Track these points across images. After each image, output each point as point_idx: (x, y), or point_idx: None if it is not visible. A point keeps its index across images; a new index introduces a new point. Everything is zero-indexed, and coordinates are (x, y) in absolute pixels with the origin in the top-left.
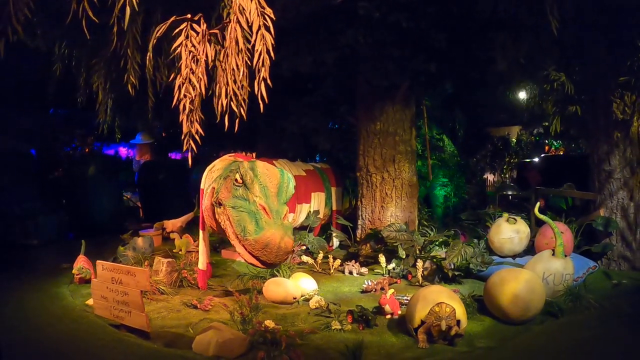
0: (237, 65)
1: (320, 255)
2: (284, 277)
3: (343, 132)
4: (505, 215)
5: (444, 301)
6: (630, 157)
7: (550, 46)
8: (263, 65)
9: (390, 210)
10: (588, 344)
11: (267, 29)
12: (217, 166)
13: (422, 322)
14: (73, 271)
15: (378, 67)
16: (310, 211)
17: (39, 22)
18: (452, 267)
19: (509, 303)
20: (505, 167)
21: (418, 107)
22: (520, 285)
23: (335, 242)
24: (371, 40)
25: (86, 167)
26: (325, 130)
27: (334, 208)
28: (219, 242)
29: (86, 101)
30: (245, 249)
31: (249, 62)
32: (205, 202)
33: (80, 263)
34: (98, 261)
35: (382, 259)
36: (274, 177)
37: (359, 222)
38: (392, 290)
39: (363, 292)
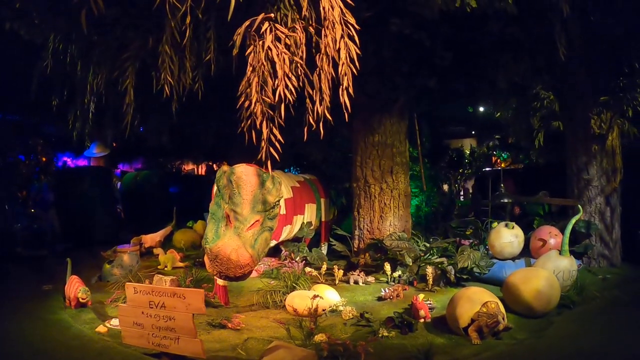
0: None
1: (324, 267)
2: (303, 289)
3: (330, 144)
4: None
5: (491, 300)
6: (606, 167)
7: (543, 67)
8: (346, 74)
9: (389, 220)
10: (610, 327)
11: (351, 38)
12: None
13: (472, 321)
14: (79, 295)
15: (386, 81)
16: (303, 222)
17: (41, 10)
18: (454, 271)
19: (533, 299)
20: (459, 177)
21: (409, 119)
22: (542, 282)
23: (323, 251)
24: (388, 55)
25: (78, 179)
26: (318, 141)
27: (323, 219)
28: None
29: (57, 105)
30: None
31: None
32: None
33: (79, 285)
34: (128, 284)
35: (387, 267)
36: (251, 183)
37: (356, 232)
38: (422, 296)
39: (379, 299)
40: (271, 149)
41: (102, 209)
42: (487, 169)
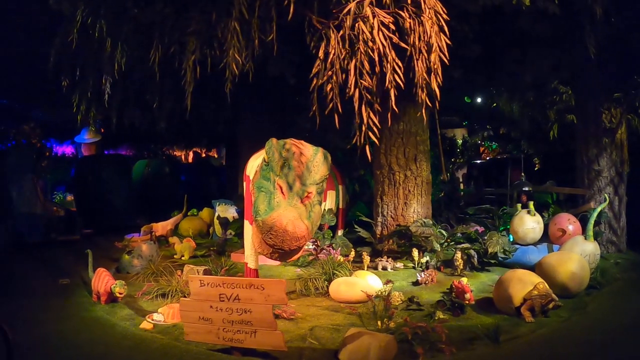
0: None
1: (352, 253)
2: (345, 276)
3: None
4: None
5: (540, 281)
6: (615, 159)
7: (564, 64)
8: (435, 63)
9: (412, 206)
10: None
11: (441, 28)
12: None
13: (524, 300)
14: (116, 289)
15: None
16: (325, 209)
17: None
18: (477, 257)
19: (569, 279)
20: (451, 166)
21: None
22: (575, 264)
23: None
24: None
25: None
26: (340, 128)
27: (341, 206)
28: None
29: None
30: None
31: None
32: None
33: (109, 279)
34: (192, 276)
35: (415, 253)
36: (304, 155)
37: (379, 219)
38: (466, 279)
39: (415, 284)
40: (370, 134)
41: (120, 196)
42: (488, 158)
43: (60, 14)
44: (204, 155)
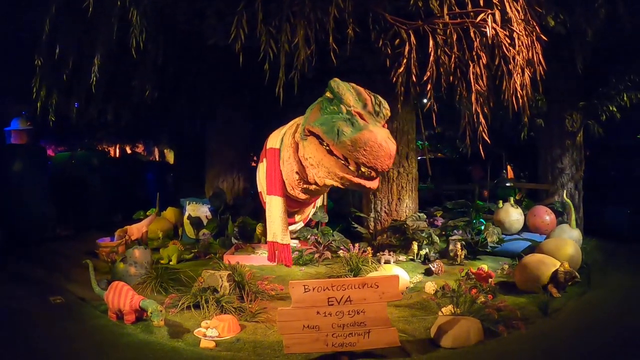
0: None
1: (356, 249)
2: (371, 272)
3: None
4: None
5: (561, 262)
6: (576, 158)
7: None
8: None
9: (405, 202)
10: (631, 276)
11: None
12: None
13: (551, 279)
14: (155, 320)
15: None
16: (317, 206)
17: None
18: (464, 246)
19: (569, 261)
20: None
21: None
22: (572, 248)
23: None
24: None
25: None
26: None
27: (325, 203)
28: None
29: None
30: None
31: None
32: (284, 155)
33: (134, 294)
34: (294, 282)
35: (414, 246)
36: (367, 91)
37: (372, 214)
38: (486, 266)
39: (428, 275)
40: (483, 134)
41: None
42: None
43: None
44: (129, 151)
